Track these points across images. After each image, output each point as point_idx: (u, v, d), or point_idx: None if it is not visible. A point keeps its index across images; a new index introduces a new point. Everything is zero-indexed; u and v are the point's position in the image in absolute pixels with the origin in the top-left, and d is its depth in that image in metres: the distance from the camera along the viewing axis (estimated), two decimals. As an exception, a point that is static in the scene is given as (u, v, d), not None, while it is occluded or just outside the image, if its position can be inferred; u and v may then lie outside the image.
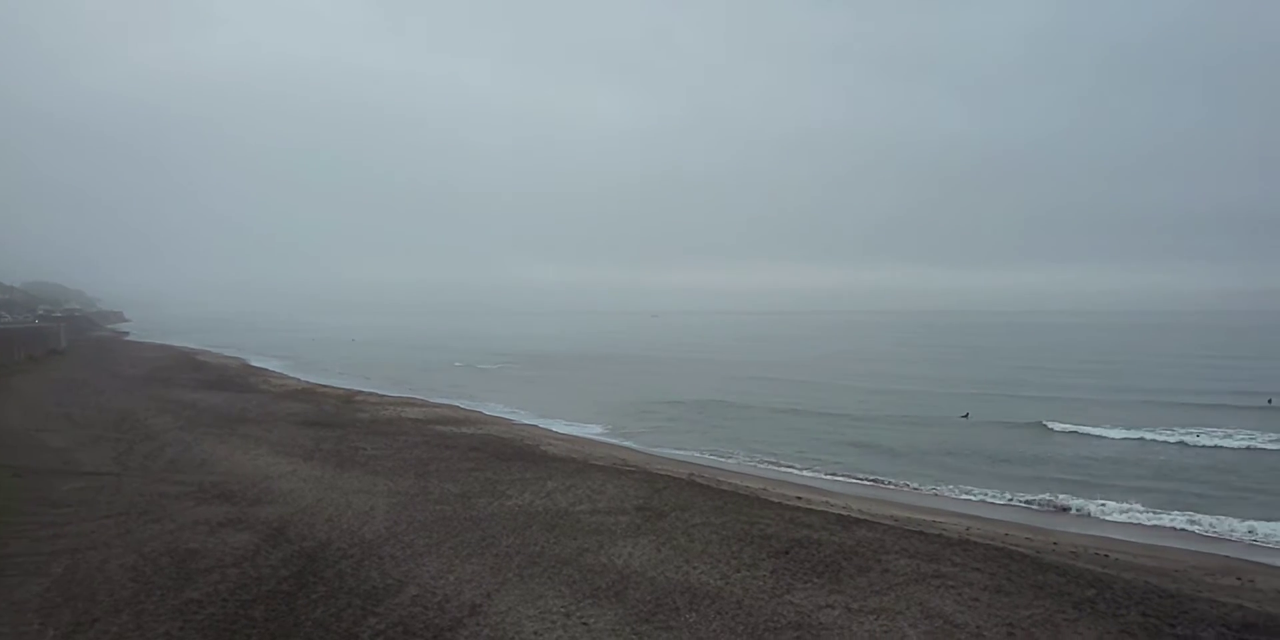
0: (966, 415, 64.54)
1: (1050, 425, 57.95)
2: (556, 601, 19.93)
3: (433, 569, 22.24)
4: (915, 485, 41.43)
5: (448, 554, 23.66)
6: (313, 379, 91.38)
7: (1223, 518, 34.20)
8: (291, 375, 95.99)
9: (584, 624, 18.56)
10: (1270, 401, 71.32)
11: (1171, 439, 52.27)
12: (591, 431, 57.97)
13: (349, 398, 69.36)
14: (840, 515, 30.64)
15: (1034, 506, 37.11)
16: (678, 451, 50.23)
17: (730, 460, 47.74)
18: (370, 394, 75.29)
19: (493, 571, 22.11)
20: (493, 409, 69.09)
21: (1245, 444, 50.36)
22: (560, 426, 59.44)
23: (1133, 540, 31.72)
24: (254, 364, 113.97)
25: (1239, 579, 25.76)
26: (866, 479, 42.90)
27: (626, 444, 52.77)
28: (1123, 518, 34.88)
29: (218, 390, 72.08)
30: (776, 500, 33.35)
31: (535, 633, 18.05)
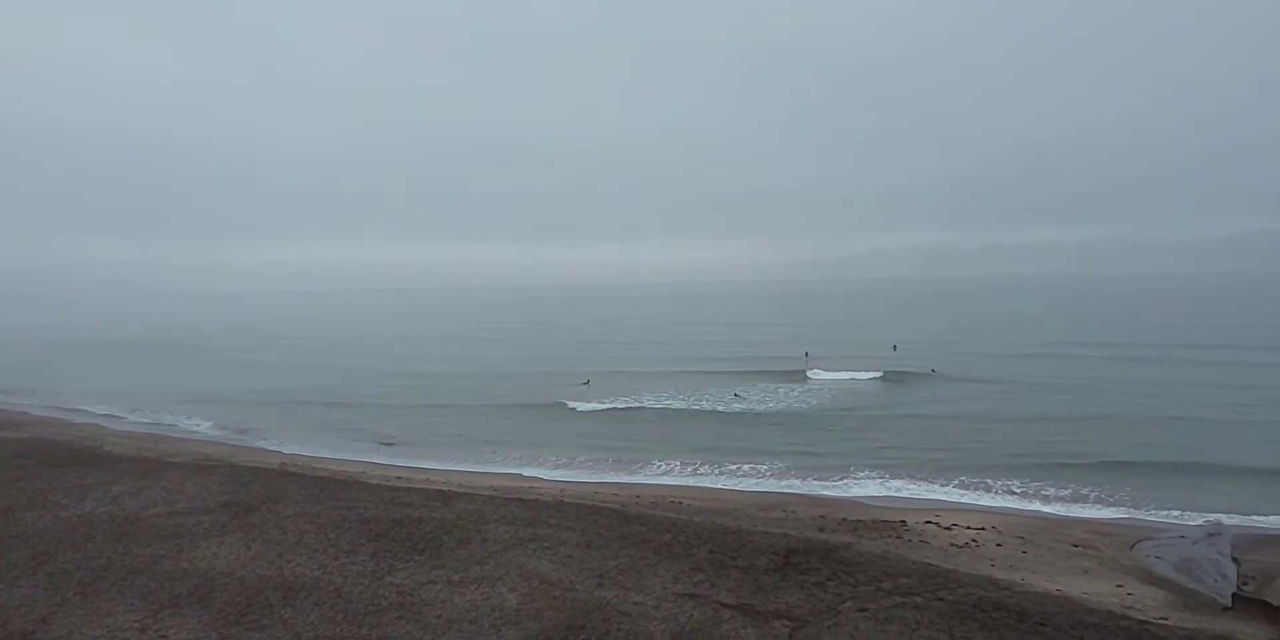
0: (587, 382, 68.42)
1: (571, 404, 59.12)
2: (129, 616, 18.04)
3: (-35, 600, 19.02)
4: (506, 456, 43.28)
5: (-14, 580, 20.36)
6: None
7: (768, 463, 40.00)
8: None
9: (163, 636, 17.02)
10: (807, 355, 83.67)
11: (711, 404, 58.49)
12: (164, 426, 52.70)
13: None
14: (440, 491, 31.05)
15: (599, 467, 40.43)
16: (266, 442, 47.37)
17: (322, 449, 45.67)
18: None
19: (48, 592, 19.44)
20: (43, 408, 60.03)
21: (780, 405, 57.98)
22: (129, 423, 53.32)
23: (703, 487, 35.93)
24: None
25: (785, 511, 30.32)
26: (469, 458, 43.45)
27: (207, 436, 48.74)
28: (682, 472, 39.38)
29: None
30: (376, 482, 32.89)
31: (104, 654, 16.24)
